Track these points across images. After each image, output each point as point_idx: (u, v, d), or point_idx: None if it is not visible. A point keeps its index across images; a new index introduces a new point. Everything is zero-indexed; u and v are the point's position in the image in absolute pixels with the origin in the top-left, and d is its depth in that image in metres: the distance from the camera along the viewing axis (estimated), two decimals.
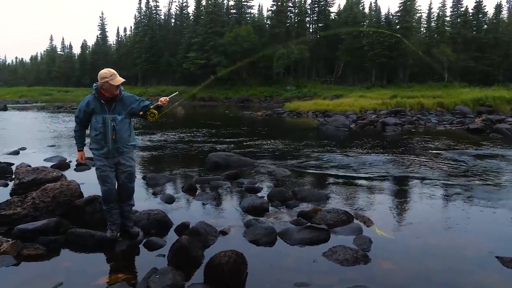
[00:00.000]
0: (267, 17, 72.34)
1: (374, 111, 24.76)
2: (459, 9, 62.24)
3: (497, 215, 5.34)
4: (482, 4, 60.24)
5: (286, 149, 11.48)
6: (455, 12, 62.85)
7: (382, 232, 4.56)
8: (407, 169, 8.48)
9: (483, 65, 53.51)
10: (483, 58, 54.30)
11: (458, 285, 3.43)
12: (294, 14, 68.42)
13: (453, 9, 63.22)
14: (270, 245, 4.22)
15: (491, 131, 15.81)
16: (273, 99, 52.27)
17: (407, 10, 57.34)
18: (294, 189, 6.27)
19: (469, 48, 55.27)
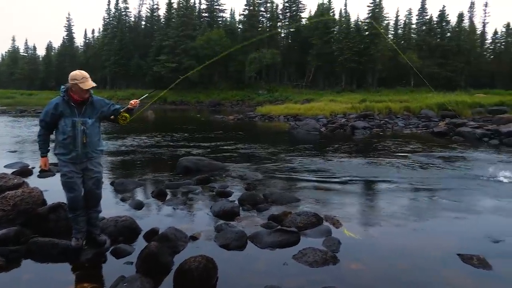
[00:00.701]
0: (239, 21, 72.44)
1: (344, 115, 25.20)
2: (424, 17, 64.34)
3: (459, 215, 5.53)
4: (446, 13, 62.50)
5: (257, 153, 11.51)
6: (421, 20, 64.93)
7: (350, 233, 4.64)
8: (376, 172, 8.67)
9: (447, 71, 55.48)
10: (447, 65, 56.32)
11: (423, 282, 3.54)
12: (266, 18, 68.85)
13: (419, 17, 65.30)
14: (241, 249, 4.21)
15: (454, 134, 16.40)
16: (245, 103, 52.33)
17: (375, 17, 58.77)
18: (265, 193, 6.30)
19: (433, 55, 57.18)
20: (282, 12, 69.36)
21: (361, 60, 55.73)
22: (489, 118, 21.03)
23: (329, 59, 58.26)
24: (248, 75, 60.09)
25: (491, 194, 6.72)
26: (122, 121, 4.06)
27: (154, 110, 32.53)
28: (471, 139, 15.15)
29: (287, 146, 13.35)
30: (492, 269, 3.73)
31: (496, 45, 67.78)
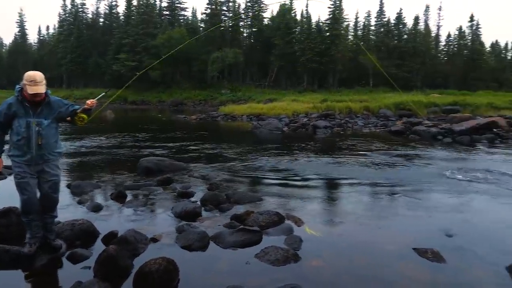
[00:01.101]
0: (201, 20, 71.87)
1: (306, 114, 25.55)
2: (383, 19, 66.39)
3: (416, 211, 5.75)
4: (403, 15, 64.83)
5: (220, 153, 11.47)
6: (379, 22, 66.95)
7: (312, 231, 4.71)
8: (337, 171, 8.86)
9: (404, 71, 57.49)
10: (404, 66, 58.40)
11: (381, 276, 3.65)
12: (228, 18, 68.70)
13: (377, 19, 67.31)
14: (203, 249, 4.18)
15: (411, 133, 17.02)
16: (207, 102, 51.98)
17: (336, 18, 60.01)
18: (227, 193, 6.28)
19: (391, 56, 59.10)
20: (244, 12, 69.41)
21: (322, 60, 56.74)
22: (443, 117, 21.99)
23: (291, 59, 58.92)
24: (211, 74, 59.75)
25: (445, 190, 7.01)
26: (79, 122, 3.92)
27: (113, 110, 31.65)
28: (426, 138, 15.79)
29: (250, 145, 13.38)
30: (445, 262, 3.90)
31: (450, 47, 70.96)
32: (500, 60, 72.25)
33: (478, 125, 16.06)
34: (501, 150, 12.50)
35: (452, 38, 70.29)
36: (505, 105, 27.12)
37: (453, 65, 63.83)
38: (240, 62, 60.47)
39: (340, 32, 60.92)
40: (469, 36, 67.68)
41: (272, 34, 61.73)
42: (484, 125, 16.08)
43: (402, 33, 65.28)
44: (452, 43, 70.40)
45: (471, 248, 4.27)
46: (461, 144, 14.19)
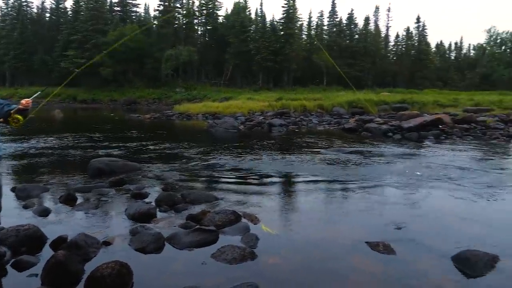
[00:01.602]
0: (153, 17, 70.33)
1: (261, 113, 25.72)
2: (335, 19, 68.11)
3: (368, 206, 5.94)
4: (354, 16, 66.91)
5: (175, 152, 11.29)
6: (331, 22, 68.62)
7: (268, 229, 4.75)
8: (293, 168, 8.98)
9: (356, 71, 59.33)
10: (355, 65, 60.30)
11: (335, 270, 3.74)
12: (182, 15, 67.71)
13: (330, 19, 68.95)
14: (158, 251, 4.09)
15: (363, 130, 17.58)
16: (162, 101, 51.02)
17: (290, 18, 60.82)
18: (183, 193, 6.19)
19: (343, 55, 60.76)
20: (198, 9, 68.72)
21: (277, 59, 57.37)
22: (393, 115, 22.88)
23: (247, 57, 59.09)
24: (165, 72, 58.68)
25: (396, 185, 7.30)
26: (14, 123, 3.63)
27: (62, 109, 30.33)
28: (377, 134, 16.37)
29: (206, 144, 13.28)
30: (395, 254, 4.05)
31: (398, 48, 74.04)
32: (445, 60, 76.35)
33: (425, 122, 16.86)
34: (446, 146, 13.20)
35: (400, 38, 73.40)
36: (449, 102, 28.68)
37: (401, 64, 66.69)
38: (195, 60, 59.85)
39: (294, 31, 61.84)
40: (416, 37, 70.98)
41: (227, 32, 61.61)
42: (430, 122, 16.90)
43: (353, 33, 67.35)
44: (400, 44, 73.50)
45: (420, 240, 4.47)
46: (410, 140, 14.85)
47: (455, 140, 14.68)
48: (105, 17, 64.02)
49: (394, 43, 74.70)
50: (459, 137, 15.47)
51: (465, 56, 79.45)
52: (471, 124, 17.89)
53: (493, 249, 4.04)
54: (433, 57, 71.03)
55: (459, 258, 3.86)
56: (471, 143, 13.82)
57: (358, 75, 59.00)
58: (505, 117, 20.14)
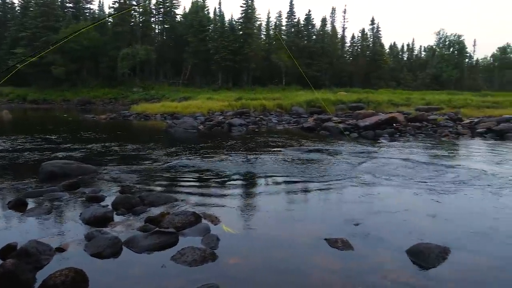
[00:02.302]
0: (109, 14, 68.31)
1: (221, 112, 25.62)
2: (293, 20, 69.04)
3: (327, 203, 6.07)
4: (311, 17, 68.07)
5: (133, 154, 11.01)
6: (290, 22, 69.49)
7: (229, 229, 4.72)
8: (253, 167, 8.99)
9: (313, 71, 60.41)
10: (313, 65, 61.39)
11: (295, 268, 3.77)
12: (138, 13, 66.18)
13: (288, 20, 69.81)
14: (115, 256, 3.96)
15: (321, 129, 17.92)
16: (118, 101, 49.65)
17: (248, 18, 60.97)
18: (141, 195, 6.03)
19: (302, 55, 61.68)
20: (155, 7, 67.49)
21: (236, 59, 57.39)
22: (349, 114, 23.48)
23: (205, 57, 58.72)
24: (121, 71, 57.14)
25: (353, 182, 7.48)
26: None
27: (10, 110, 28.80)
28: (335, 133, 16.73)
29: (165, 145, 13.05)
30: (353, 250, 4.15)
31: (354, 48, 76.12)
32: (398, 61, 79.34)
33: (380, 120, 17.42)
34: (400, 143, 13.70)
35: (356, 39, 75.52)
36: (403, 102, 29.84)
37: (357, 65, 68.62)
38: (152, 59, 58.76)
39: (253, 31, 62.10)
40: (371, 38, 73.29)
41: (185, 31, 60.93)
42: (385, 120, 17.48)
43: (311, 34, 68.55)
44: (356, 44, 75.65)
45: (376, 235, 4.61)
46: (366, 138, 15.29)
47: (408, 138, 15.27)
48: (56, 13, 61.42)
49: (350, 44, 76.76)
50: (412, 135, 16.11)
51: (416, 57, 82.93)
52: (423, 122, 18.69)
53: (445, 241, 4.23)
54: (387, 58, 73.63)
55: (413, 251, 4.01)
56: (423, 141, 14.43)
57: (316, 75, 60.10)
58: (454, 115, 21.21)
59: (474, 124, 17.95)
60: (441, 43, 77.44)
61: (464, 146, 13.30)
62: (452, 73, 68.54)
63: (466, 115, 21.99)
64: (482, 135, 15.74)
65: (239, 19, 62.01)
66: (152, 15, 67.60)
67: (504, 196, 6.38)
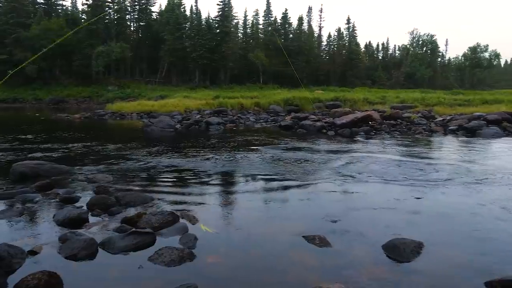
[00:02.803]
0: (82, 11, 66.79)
1: (198, 111, 25.43)
2: (270, 18, 69.22)
3: (305, 200, 6.11)
4: (288, 15, 68.42)
5: (108, 153, 10.82)
6: (267, 21, 69.63)
7: (207, 228, 4.70)
8: (230, 166, 8.98)
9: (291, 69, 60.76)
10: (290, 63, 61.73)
11: (274, 266, 3.79)
12: (113, 10, 65.01)
13: (265, 18, 69.93)
14: (91, 258, 3.89)
15: (298, 127, 18.03)
16: (93, 100, 48.70)
17: (225, 16, 60.79)
18: (117, 195, 5.93)
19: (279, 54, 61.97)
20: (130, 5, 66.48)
21: (213, 57, 57.22)
22: (326, 112, 23.72)
23: (182, 55, 58.27)
24: (95, 69, 56.03)
25: (331, 179, 7.56)
26: None
27: None
28: (313, 131, 16.87)
29: (141, 144, 12.87)
30: (331, 246, 4.20)
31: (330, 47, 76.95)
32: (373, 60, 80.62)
33: (357, 118, 17.66)
34: (376, 141, 13.93)
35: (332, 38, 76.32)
36: (378, 100, 30.34)
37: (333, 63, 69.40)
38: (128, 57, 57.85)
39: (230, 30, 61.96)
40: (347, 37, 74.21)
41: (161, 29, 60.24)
42: (361, 118, 17.73)
43: (288, 33, 68.90)
44: (333, 43, 76.47)
45: (353, 231, 4.67)
46: (343, 136, 15.47)
47: (384, 136, 15.54)
48: (27, 9, 59.71)
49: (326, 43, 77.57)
50: (387, 132, 16.40)
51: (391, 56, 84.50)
52: (398, 120, 19.05)
53: (419, 236, 4.33)
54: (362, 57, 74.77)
55: (389, 246, 4.09)
56: (398, 138, 14.71)
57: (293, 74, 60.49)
58: (427, 113, 21.70)
59: (446, 122, 18.41)
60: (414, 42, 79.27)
61: (437, 143, 13.63)
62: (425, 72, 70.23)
63: (439, 113, 22.53)
64: (454, 132, 16.16)
65: (216, 17, 61.79)
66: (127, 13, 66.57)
67: (478, 191, 6.57)
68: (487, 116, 17.88)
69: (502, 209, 5.57)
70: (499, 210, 5.54)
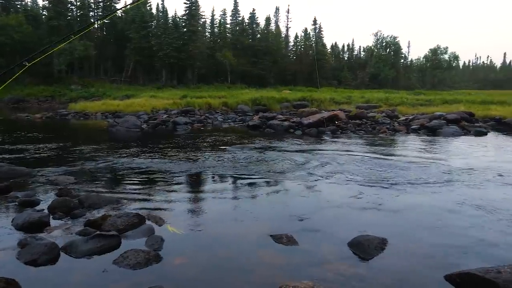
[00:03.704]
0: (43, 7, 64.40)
1: (165, 111, 25.08)
2: (237, 18, 69.14)
3: (273, 200, 6.14)
4: (256, 15, 68.58)
5: (71, 155, 10.49)
6: (234, 21, 69.52)
7: (174, 229, 4.64)
8: (198, 166, 8.90)
9: (258, 69, 61.05)
10: (258, 63, 61.99)
11: (242, 266, 3.80)
12: (76, 7, 63.07)
13: (232, 18, 69.79)
14: (52, 263, 3.76)
15: (266, 126, 18.12)
16: (55, 99, 46.98)
17: (192, 15, 60.22)
18: (80, 197, 5.76)
19: (247, 54, 62.13)
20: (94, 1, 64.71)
21: (181, 56, 56.54)
22: (294, 112, 23.95)
23: (148, 54, 57.29)
24: (58, 68, 54.18)
25: (298, 178, 7.64)
26: None
27: None
28: (280, 131, 17.00)
29: (106, 145, 12.56)
30: (298, 245, 4.25)
31: (297, 48, 77.73)
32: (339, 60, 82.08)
33: (323, 118, 17.91)
34: (342, 140, 14.19)
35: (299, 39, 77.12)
36: (344, 100, 30.94)
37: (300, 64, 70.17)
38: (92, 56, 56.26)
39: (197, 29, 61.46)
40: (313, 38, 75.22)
41: (126, 27, 58.96)
42: (327, 118, 18.01)
43: (255, 33, 69.08)
44: (300, 44, 77.28)
45: (320, 229, 4.75)
46: (310, 135, 15.67)
47: (350, 135, 15.86)
48: None
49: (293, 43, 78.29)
50: (352, 131, 16.75)
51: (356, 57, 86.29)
52: (363, 119, 19.50)
53: (383, 233, 4.45)
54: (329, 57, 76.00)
55: (354, 243, 4.19)
56: (363, 137, 15.06)
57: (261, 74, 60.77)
58: (391, 113, 22.31)
59: (409, 121, 19.01)
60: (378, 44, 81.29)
61: (400, 142, 14.04)
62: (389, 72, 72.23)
63: (402, 112, 23.22)
64: (416, 131, 16.71)
65: (183, 16, 61.09)
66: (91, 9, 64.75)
67: (439, 188, 6.82)
68: (447, 116, 18.62)
69: (461, 205, 5.81)
70: (459, 206, 5.77)
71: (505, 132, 16.99)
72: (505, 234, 4.66)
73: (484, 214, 5.35)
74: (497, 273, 3.28)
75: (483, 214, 5.37)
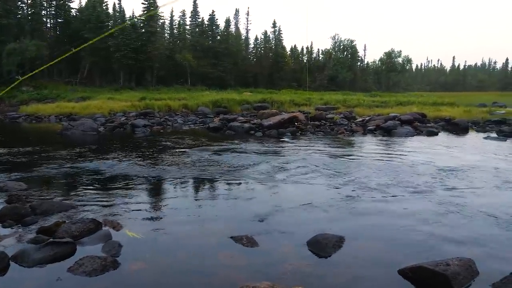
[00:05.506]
0: None
1: (123, 113, 24.55)
2: (197, 19, 68.58)
3: (232, 202, 6.15)
4: (215, 17, 68.26)
5: (22, 159, 10.02)
6: (194, 22, 68.94)
7: (133, 234, 4.55)
8: (157, 169, 8.76)
9: (219, 71, 60.83)
10: (218, 65, 61.76)
11: (202, 268, 3.79)
12: (26, 5, 60.28)
13: (192, 19, 69.16)
14: (1, 273, 3.58)
15: (227, 128, 18.12)
16: (4, 102, 44.61)
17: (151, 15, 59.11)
18: (32, 204, 5.52)
19: (207, 56, 61.73)
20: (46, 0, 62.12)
21: (139, 57, 55.32)
22: (254, 114, 24.07)
23: (105, 55, 55.63)
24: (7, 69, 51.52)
25: (258, 179, 7.69)
26: None
27: None
28: (241, 133, 17.03)
29: (60, 149, 12.09)
30: (258, 246, 4.28)
31: (258, 50, 78.13)
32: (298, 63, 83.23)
33: (283, 120, 18.14)
34: (301, 141, 14.43)
35: (259, 41, 77.55)
36: (303, 101, 31.47)
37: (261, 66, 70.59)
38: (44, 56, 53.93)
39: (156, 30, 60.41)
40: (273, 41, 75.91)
41: (81, 27, 56.99)
42: (287, 119, 18.25)
43: (215, 34, 68.77)
44: (260, 46, 77.72)
45: (280, 229, 4.81)
46: (270, 137, 15.81)
47: (309, 136, 16.14)
48: None
49: (253, 46, 78.60)
50: (312, 133, 17.06)
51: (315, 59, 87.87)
52: (322, 121, 19.90)
53: (341, 231, 4.57)
54: (288, 60, 76.93)
55: (312, 242, 4.28)
56: (322, 138, 15.37)
57: (222, 75, 60.60)
58: (348, 114, 22.94)
59: (365, 122, 19.60)
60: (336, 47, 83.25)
61: (357, 143, 14.45)
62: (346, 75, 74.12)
63: (359, 113, 23.92)
64: (373, 132, 17.26)
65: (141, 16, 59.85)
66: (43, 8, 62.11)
67: (395, 187, 7.08)
68: (401, 117, 19.38)
69: (414, 201, 6.07)
70: (413, 203, 6.03)
71: (454, 131, 17.90)
72: (454, 228, 4.91)
73: (435, 210, 5.61)
74: (446, 266, 3.46)
75: (435, 209, 5.63)
